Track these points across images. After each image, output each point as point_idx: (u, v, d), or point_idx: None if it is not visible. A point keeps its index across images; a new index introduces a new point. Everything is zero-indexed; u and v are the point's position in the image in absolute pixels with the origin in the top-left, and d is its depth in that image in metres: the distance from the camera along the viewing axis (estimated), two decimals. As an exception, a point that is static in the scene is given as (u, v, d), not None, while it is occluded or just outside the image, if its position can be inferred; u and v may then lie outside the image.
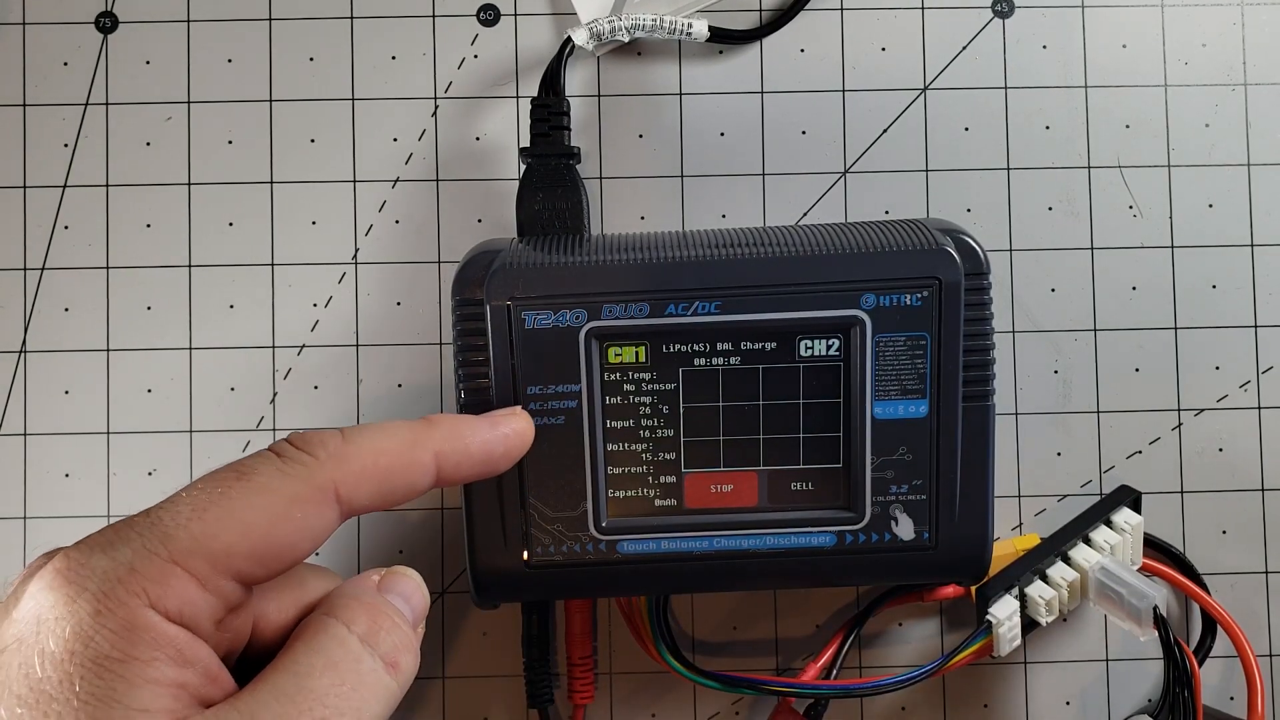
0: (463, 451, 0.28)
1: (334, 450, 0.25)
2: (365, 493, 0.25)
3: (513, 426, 0.29)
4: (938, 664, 0.34)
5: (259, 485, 0.24)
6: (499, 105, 0.38)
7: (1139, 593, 0.34)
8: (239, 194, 0.38)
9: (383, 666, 0.24)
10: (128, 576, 0.22)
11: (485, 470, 0.29)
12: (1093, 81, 0.38)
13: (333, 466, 0.25)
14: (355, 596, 0.25)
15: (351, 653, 0.24)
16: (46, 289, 0.38)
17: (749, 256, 0.31)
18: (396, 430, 0.27)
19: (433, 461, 0.27)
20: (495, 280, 0.30)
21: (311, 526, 0.24)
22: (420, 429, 0.27)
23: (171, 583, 0.22)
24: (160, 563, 0.22)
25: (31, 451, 0.38)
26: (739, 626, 0.38)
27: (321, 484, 0.25)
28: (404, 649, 0.25)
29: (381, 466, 0.26)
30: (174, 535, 0.23)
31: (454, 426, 0.28)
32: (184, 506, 0.23)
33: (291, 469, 0.25)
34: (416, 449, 0.27)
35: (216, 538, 0.23)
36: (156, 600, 0.22)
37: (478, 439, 0.28)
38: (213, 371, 0.38)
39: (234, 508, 0.23)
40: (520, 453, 0.29)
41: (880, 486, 0.31)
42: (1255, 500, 0.38)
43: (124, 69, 0.38)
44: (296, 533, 0.24)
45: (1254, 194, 0.38)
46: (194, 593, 0.23)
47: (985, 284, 0.31)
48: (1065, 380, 0.38)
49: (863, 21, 0.39)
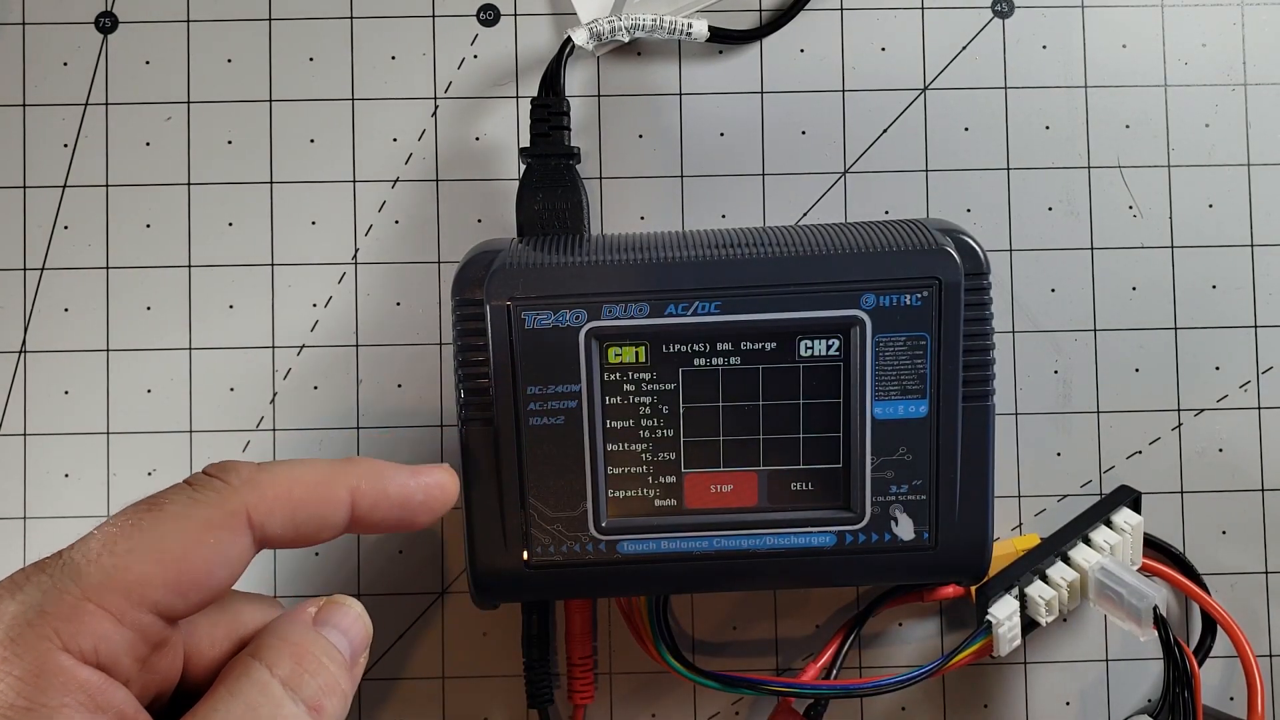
0: (379, 492, 0.27)
1: (247, 477, 0.25)
2: (278, 521, 0.25)
3: (434, 478, 0.28)
4: (938, 664, 0.34)
5: (170, 513, 0.24)
6: (499, 105, 0.38)
7: (1139, 593, 0.34)
8: (239, 194, 0.38)
9: (305, 711, 0.24)
10: (37, 619, 0.21)
11: (403, 517, 0.28)
12: (1093, 81, 0.38)
13: (246, 492, 0.25)
14: (283, 636, 0.25)
15: (273, 698, 0.23)
16: (46, 289, 0.38)
17: (749, 256, 0.31)
18: (315, 464, 0.27)
19: (348, 498, 0.26)
20: (495, 280, 0.30)
21: (226, 553, 0.24)
22: (339, 465, 0.27)
23: (85, 620, 0.22)
24: (72, 601, 0.22)
25: (31, 451, 0.38)
26: (739, 626, 0.38)
27: (234, 509, 0.24)
28: (329, 691, 0.24)
29: (295, 496, 0.25)
30: (85, 571, 0.22)
31: (374, 468, 0.27)
32: (94, 542, 0.23)
33: (203, 495, 0.24)
34: (332, 483, 0.26)
35: (129, 569, 0.22)
36: (69, 641, 0.22)
37: (396, 482, 0.27)
38: (213, 371, 0.38)
39: (145, 538, 0.23)
40: (442, 507, 0.28)
41: (880, 486, 0.31)
42: (1255, 500, 0.38)
43: (124, 69, 0.38)
44: (211, 560, 0.24)
45: (1254, 194, 0.38)
46: (109, 629, 0.22)
47: (985, 284, 0.31)
48: (1065, 380, 0.38)
49: (863, 21, 0.39)
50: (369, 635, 0.27)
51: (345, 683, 0.25)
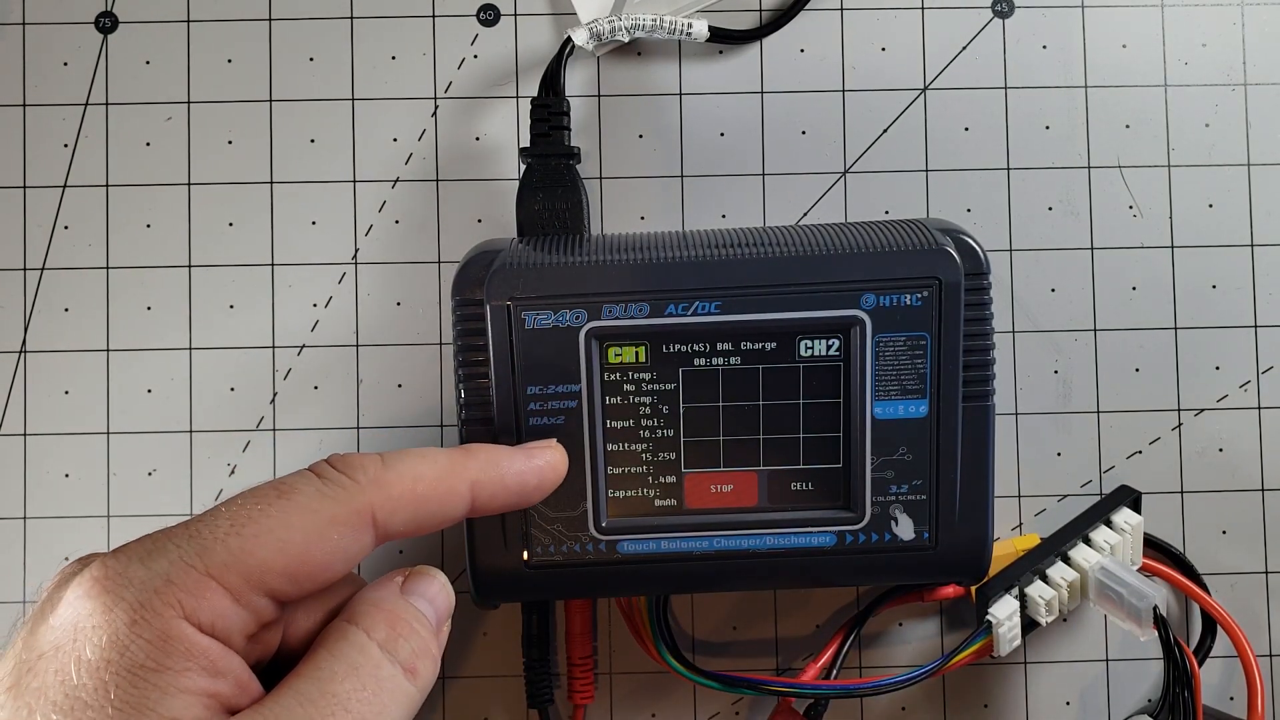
0: (498, 481, 0.28)
1: (374, 475, 0.26)
2: (401, 519, 0.26)
3: (546, 459, 0.30)
4: (938, 664, 0.34)
5: (298, 505, 0.24)
6: (499, 105, 0.38)
7: (1139, 593, 0.34)
8: (239, 194, 0.38)
9: (401, 672, 0.25)
10: (164, 588, 0.22)
11: (518, 501, 0.29)
12: (1093, 81, 0.38)
13: (373, 491, 0.25)
14: (376, 603, 0.26)
15: (372, 659, 0.24)
16: (46, 289, 0.38)
17: (749, 256, 0.31)
18: (435, 457, 0.27)
19: (469, 491, 0.27)
20: (495, 280, 0.30)
21: (347, 549, 0.25)
22: (458, 457, 0.28)
23: (206, 595, 0.23)
24: (196, 575, 0.23)
25: (31, 451, 0.38)
26: (739, 626, 0.38)
27: (360, 508, 0.25)
28: (422, 654, 0.25)
29: (419, 493, 0.26)
30: (211, 549, 0.23)
31: (491, 456, 0.28)
32: (223, 520, 0.24)
33: (331, 490, 0.25)
34: (454, 477, 0.27)
35: (253, 554, 0.23)
36: (190, 612, 0.23)
37: (513, 470, 0.29)
38: (213, 371, 0.38)
39: (272, 525, 0.24)
40: (554, 485, 0.30)
41: (880, 486, 0.31)
42: (1255, 500, 0.38)
43: (124, 69, 0.38)
44: (331, 554, 0.25)
45: (1254, 194, 0.38)
46: (227, 607, 0.23)
47: (985, 284, 0.31)
48: (1065, 380, 0.38)
49: (863, 21, 0.39)
50: (452, 604, 0.28)
51: (435, 647, 0.26)
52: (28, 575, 0.38)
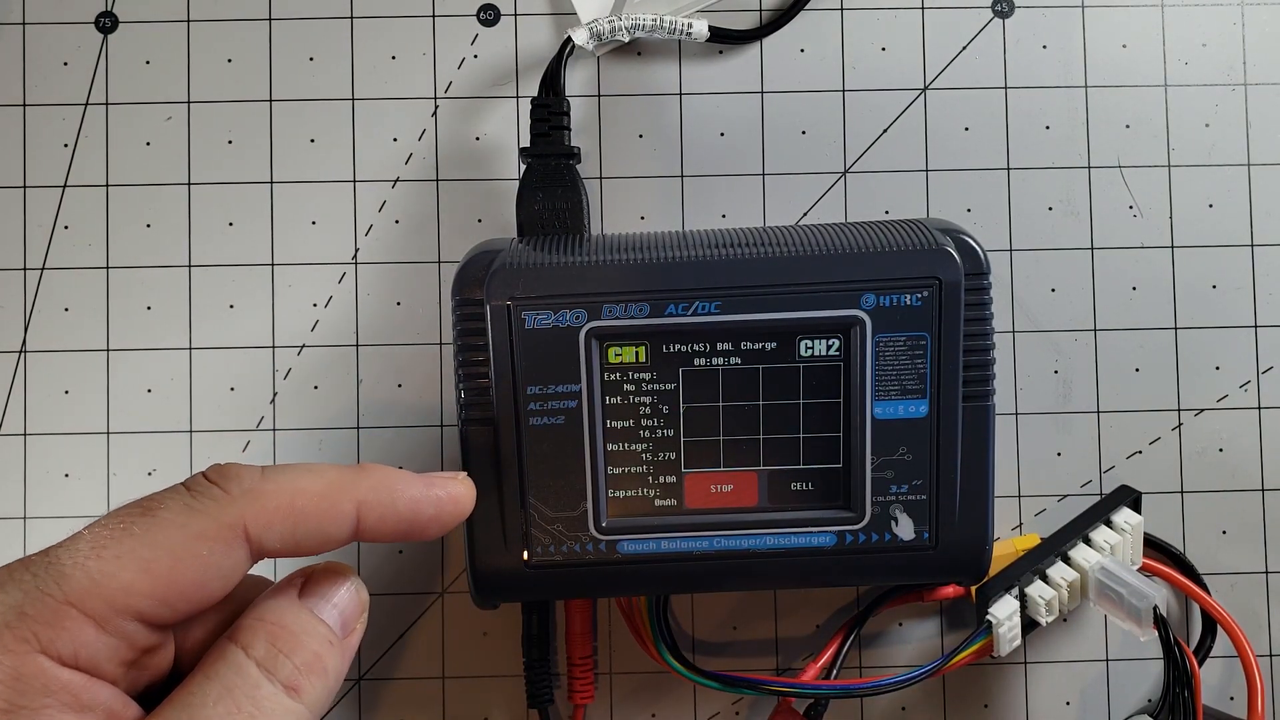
0: (388, 505, 0.26)
1: (248, 486, 0.24)
2: (277, 534, 0.24)
3: (448, 490, 0.27)
4: (938, 664, 0.34)
5: (164, 520, 0.23)
6: (499, 105, 0.38)
7: (1139, 593, 0.34)
8: (239, 194, 0.38)
9: (283, 690, 0.23)
10: (16, 621, 0.21)
11: (410, 531, 0.27)
12: (1093, 81, 0.38)
13: (245, 503, 0.24)
14: (261, 615, 0.24)
15: (249, 679, 0.23)
16: (46, 289, 0.38)
17: (749, 256, 0.31)
18: (322, 472, 0.25)
19: (354, 511, 0.25)
20: (495, 280, 0.30)
21: (219, 565, 0.23)
22: (347, 476, 0.26)
23: (65, 625, 0.21)
24: (53, 604, 0.21)
25: (31, 451, 0.38)
26: (739, 626, 0.38)
27: (230, 521, 0.23)
28: (308, 669, 0.24)
29: (297, 507, 0.24)
30: (69, 575, 0.22)
31: (385, 479, 0.26)
32: (83, 544, 0.22)
33: (200, 504, 0.23)
34: (339, 494, 0.25)
35: (114, 577, 0.22)
36: (48, 645, 0.21)
37: (407, 496, 0.26)
38: (213, 371, 0.38)
39: (134, 545, 0.22)
40: (454, 520, 0.27)
41: (880, 486, 0.31)
42: (1255, 500, 0.38)
43: (124, 69, 0.38)
44: (202, 573, 0.23)
45: (1254, 194, 0.38)
46: (91, 635, 0.22)
47: (985, 284, 0.31)
48: (1065, 380, 0.38)
49: (863, 21, 0.39)
50: (363, 603, 0.26)
51: (331, 657, 0.25)
52: (28, 575, 0.38)
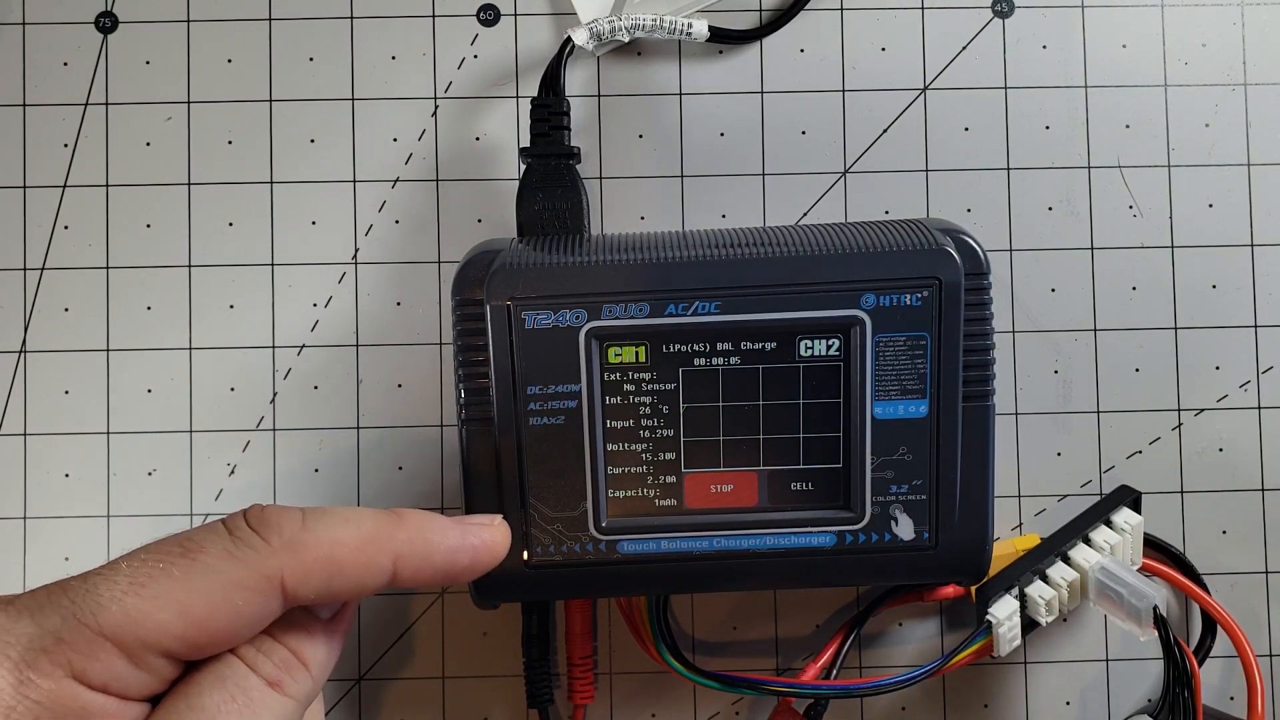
0: (424, 557, 0.26)
1: (289, 537, 0.24)
2: (313, 587, 0.24)
3: (483, 538, 0.27)
4: (938, 664, 0.34)
5: (203, 565, 0.23)
6: (499, 105, 0.38)
7: (1139, 593, 0.34)
8: (239, 194, 0.38)
9: (265, 684, 0.24)
10: (53, 646, 0.22)
11: (445, 580, 0.27)
12: (1093, 81, 0.38)
13: (285, 555, 0.24)
14: None
15: (238, 670, 0.24)
16: (46, 289, 0.38)
17: (749, 256, 0.31)
18: (360, 522, 0.25)
19: (390, 564, 0.25)
20: (495, 280, 0.30)
21: (252, 615, 0.24)
22: (385, 526, 0.26)
23: (99, 656, 0.22)
24: (89, 634, 0.22)
25: (31, 451, 0.38)
26: (739, 626, 0.38)
27: (268, 573, 0.24)
28: (287, 666, 0.25)
29: (335, 560, 0.25)
30: (106, 607, 0.22)
31: (421, 529, 0.26)
32: (122, 578, 0.23)
33: (240, 552, 0.24)
34: (376, 548, 0.25)
35: (150, 616, 0.22)
36: (81, 672, 0.22)
37: (444, 546, 0.26)
38: (213, 371, 0.38)
39: (173, 586, 0.23)
40: (487, 566, 0.27)
41: (880, 486, 0.31)
42: (1255, 500, 0.38)
43: (124, 69, 0.38)
44: (235, 620, 0.24)
45: (1254, 194, 0.38)
46: (122, 668, 0.22)
47: (985, 284, 0.31)
48: (1065, 380, 0.38)
49: (863, 21, 0.39)
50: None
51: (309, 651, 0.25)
52: (28, 575, 0.38)
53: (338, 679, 0.37)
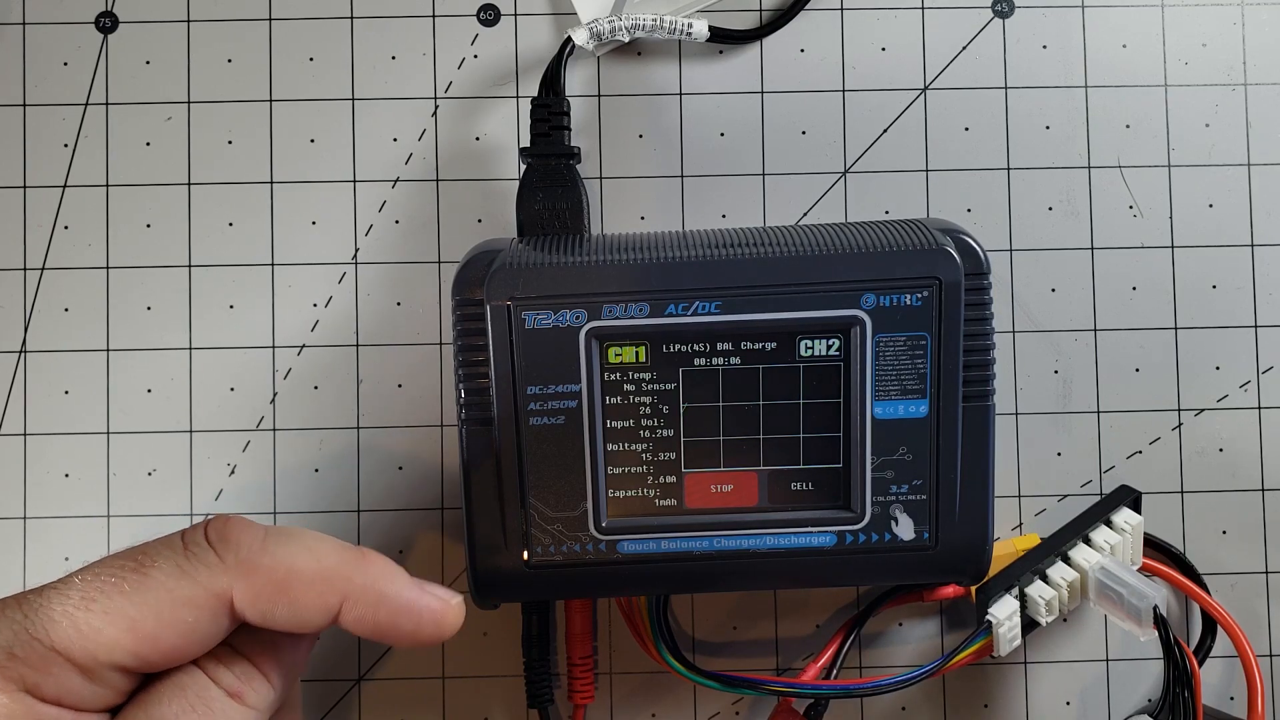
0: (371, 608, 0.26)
1: (244, 556, 0.24)
2: (258, 609, 0.25)
3: (433, 608, 0.27)
4: (938, 664, 0.34)
5: (153, 581, 0.23)
6: (499, 105, 0.38)
7: (1139, 593, 0.34)
8: (239, 194, 0.38)
9: (225, 695, 0.24)
10: (5, 661, 0.22)
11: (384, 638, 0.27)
12: (1093, 81, 0.38)
13: (235, 574, 0.24)
14: None
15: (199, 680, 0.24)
16: (46, 289, 0.38)
17: (749, 256, 0.31)
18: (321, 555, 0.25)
19: (337, 605, 0.25)
20: (495, 280, 0.30)
21: (201, 631, 0.24)
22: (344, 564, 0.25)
23: (51, 670, 0.22)
24: (41, 649, 0.22)
25: (31, 451, 0.38)
26: (739, 626, 0.38)
27: (218, 590, 0.24)
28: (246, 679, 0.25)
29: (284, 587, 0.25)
30: (58, 623, 0.23)
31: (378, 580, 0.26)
32: (74, 593, 0.23)
33: (192, 568, 0.24)
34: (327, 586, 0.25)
35: (100, 631, 0.23)
36: (34, 686, 0.22)
37: (394, 606, 0.26)
38: (213, 371, 0.38)
39: (123, 603, 0.23)
40: (432, 639, 0.27)
41: (880, 486, 0.31)
42: (1255, 500, 0.38)
43: (124, 69, 0.38)
44: (184, 636, 0.24)
45: (1254, 194, 0.38)
46: (75, 682, 0.23)
47: (985, 284, 0.31)
48: (1065, 380, 0.38)
49: (863, 21, 0.39)
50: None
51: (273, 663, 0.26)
52: (28, 575, 0.38)
53: (338, 679, 0.37)
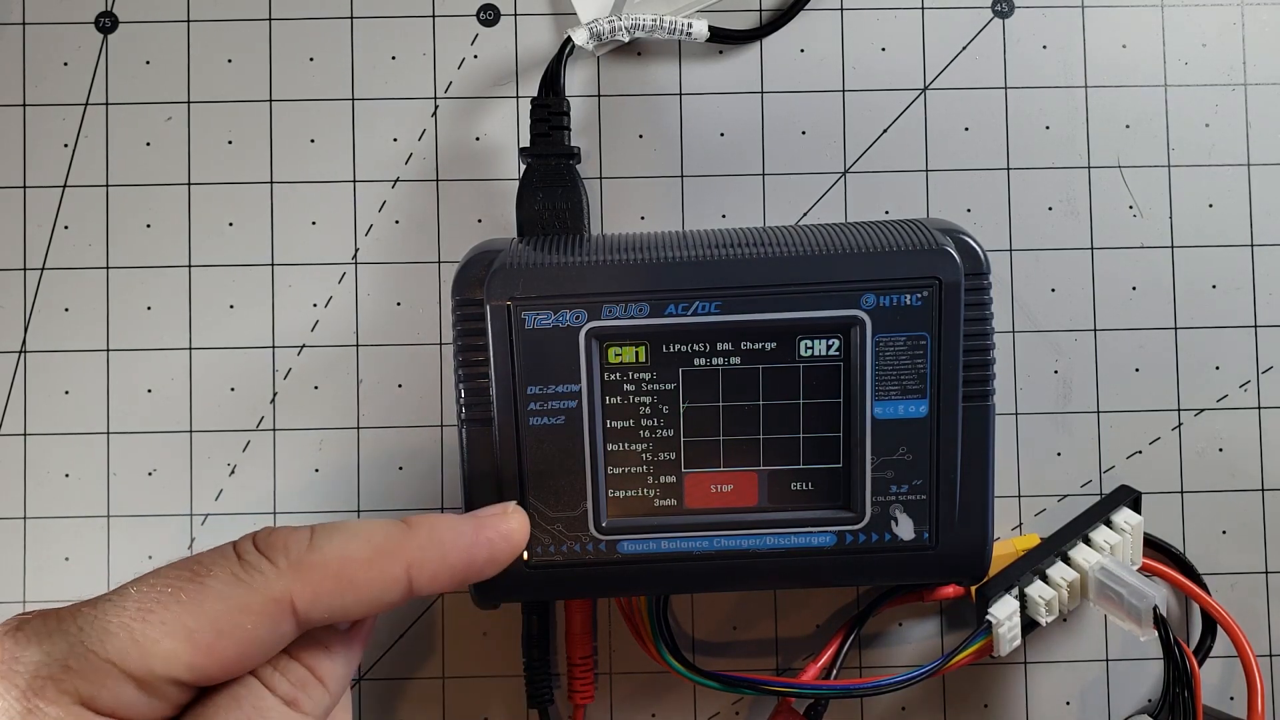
0: (439, 562, 0.26)
1: (296, 558, 0.24)
2: (325, 607, 0.24)
3: (500, 529, 0.27)
4: (938, 664, 0.34)
5: (210, 590, 0.23)
6: (499, 105, 0.38)
7: (1139, 593, 0.34)
8: (239, 194, 0.38)
9: (281, 703, 0.24)
10: (60, 674, 0.22)
11: (467, 579, 0.27)
12: (1093, 81, 0.38)
13: (292, 577, 0.24)
14: None
15: (254, 690, 0.24)
16: (46, 289, 0.38)
17: (749, 256, 0.31)
18: (370, 535, 0.25)
19: (404, 574, 0.25)
20: (495, 280, 0.30)
21: (262, 639, 0.24)
22: (395, 535, 0.25)
23: (107, 683, 0.22)
24: (96, 661, 0.22)
25: (31, 451, 0.38)
26: (739, 626, 0.38)
27: (277, 596, 0.24)
28: (302, 684, 0.25)
29: (345, 577, 0.24)
30: (114, 634, 0.22)
31: (433, 533, 0.26)
32: (130, 604, 0.23)
33: (248, 576, 0.24)
34: (388, 560, 0.25)
35: (159, 642, 0.22)
36: (89, 698, 0.22)
37: (459, 547, 0.26)
38: (213, 371, 0.38)
39: (180, 613, 0.23)
40: (509, 557, 0.27)
41: (880, 486, 0.31)
42: (1255, 500, 0.38)
43: (124, 69, 0.38)
44: (245, 645, 0.23)
45: (1254, 194, 0.38)
46: (131, 695, 0.22)
47: (985, 284, 0.31)
48: (1065, 380, 0.38)
49: (863, 21, 0.39)
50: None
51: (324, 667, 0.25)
52: (28, 575, 0.38)
53: (338, 679, 0.37)
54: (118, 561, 0.37)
